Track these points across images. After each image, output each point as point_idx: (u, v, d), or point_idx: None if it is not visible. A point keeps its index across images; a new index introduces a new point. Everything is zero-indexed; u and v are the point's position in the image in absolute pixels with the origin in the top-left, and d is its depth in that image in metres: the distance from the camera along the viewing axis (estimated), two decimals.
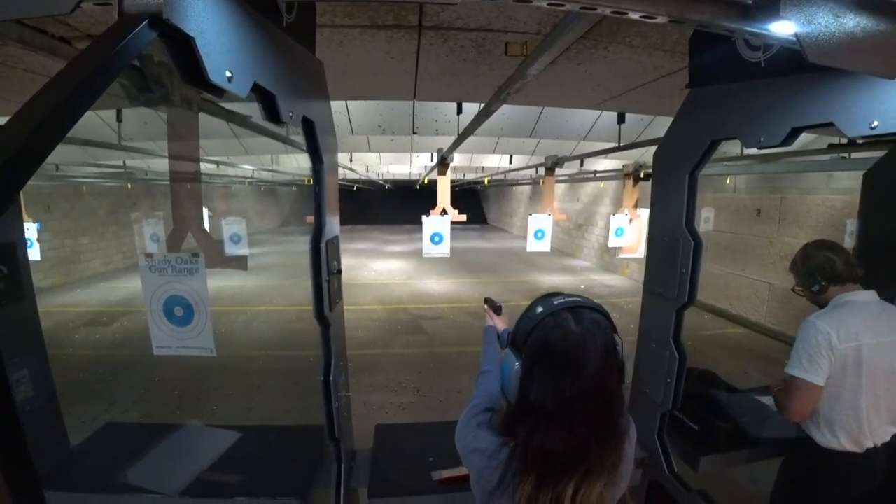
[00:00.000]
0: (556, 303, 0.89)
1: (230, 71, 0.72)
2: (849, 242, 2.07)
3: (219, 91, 0.70)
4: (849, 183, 5.23)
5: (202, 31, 0.64)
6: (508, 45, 1.68)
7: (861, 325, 1.61)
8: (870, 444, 1.65)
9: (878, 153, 2.31)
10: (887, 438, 1.67)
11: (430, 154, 7.13)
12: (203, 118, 3.37)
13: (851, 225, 2.20)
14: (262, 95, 0.87)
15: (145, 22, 0.54)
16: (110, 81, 0.50)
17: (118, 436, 1.97)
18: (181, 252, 1.57)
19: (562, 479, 0.80)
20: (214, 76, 0.68)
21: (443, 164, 3.34)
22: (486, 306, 1.67)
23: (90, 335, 6.07)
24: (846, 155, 3.82)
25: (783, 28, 0.84)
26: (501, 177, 11.97)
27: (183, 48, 0.63)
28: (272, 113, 0.92)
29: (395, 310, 7.56)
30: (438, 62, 2.15)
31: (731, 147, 4.62)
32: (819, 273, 1.74)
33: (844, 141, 3.46)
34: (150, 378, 4.57)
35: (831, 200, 5.66)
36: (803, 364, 1.63)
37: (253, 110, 2.58)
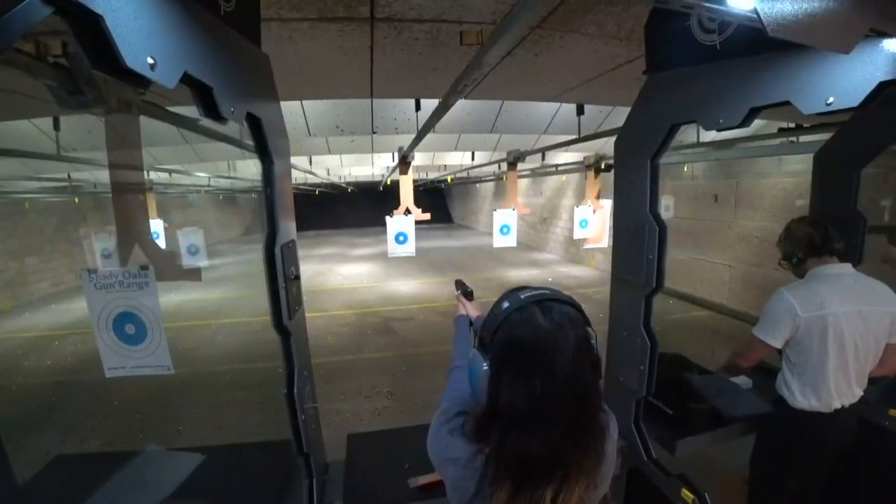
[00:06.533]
0: (522, 297, 0.83)
1: (153, 57, 0.63)
2: None
3: (142, 81, 0.62)
4: (798, 166, 5.45)
5: (114, 10, 0.55)
6: (464, 33, 1.63)
7: (828, 295, 1.72)
8: (837, 405, 1.77)
9: (825, 135, 2.39)
10: (855, 399, 1.80)
11: (391, 154, 7.04)
12: (151, 124, 3.16)
13: (802, 204, 2.29)
14: (196, 87, 0.79)
15: None
16: None
17: (70, 469, 1.82)
18: (129, 266, 1.48)
19: (539, 484, 0.75)
20: (132, 62, 0.59)
21: (404, 163, 3.26)
22: (457, 291, 1.60)
23: (41, 361, 5.70)
24: (794, 139, 3.95)
25: (742, 2, 0.82)
26: (465, 174, 11.95)
27: (92, 29, 0.54)
28: (210, 108, 0.82)
29: (364, 314, 7.43)
30: (394, 57, 2.09)
31: (688, 135, 4.72)
32: (797, 247, 1.88)
33: (793, 125, 3.58)
34: (110, 402, 4.33)
35: (783, 183, 5.88)
36: (766, 327, 1.81)
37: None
